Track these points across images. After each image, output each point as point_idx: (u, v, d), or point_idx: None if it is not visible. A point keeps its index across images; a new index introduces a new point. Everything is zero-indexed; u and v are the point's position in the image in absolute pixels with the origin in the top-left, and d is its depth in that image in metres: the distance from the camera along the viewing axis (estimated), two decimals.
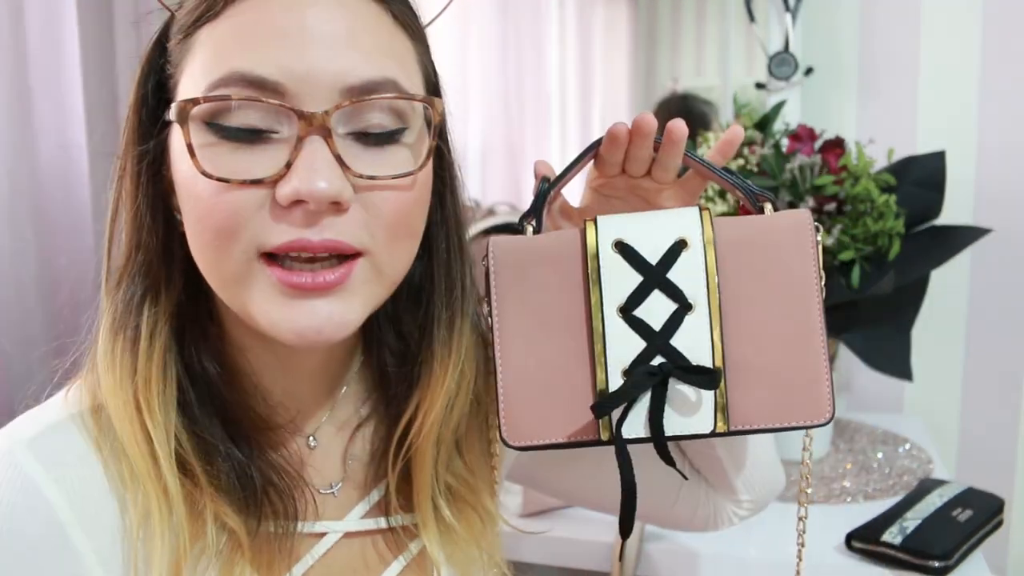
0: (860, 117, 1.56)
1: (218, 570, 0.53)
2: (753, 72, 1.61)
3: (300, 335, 0.51)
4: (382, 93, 0.51)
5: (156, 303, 0.55)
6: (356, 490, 0.63)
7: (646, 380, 0.53)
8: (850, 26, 1.54)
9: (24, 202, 1.27)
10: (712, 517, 0.78)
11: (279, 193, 0.49)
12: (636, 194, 0.66)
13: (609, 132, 0.61)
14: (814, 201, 1.19)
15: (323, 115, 0.49)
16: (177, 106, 0.50)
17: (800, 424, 0.54)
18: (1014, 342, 1.51)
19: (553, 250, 0.57)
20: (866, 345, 1.27)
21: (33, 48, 1.29)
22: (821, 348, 0.54)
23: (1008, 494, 1.53)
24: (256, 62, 0.49)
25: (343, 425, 0.64)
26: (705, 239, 0.55)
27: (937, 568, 0.97)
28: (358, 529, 0.61)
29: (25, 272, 1.27)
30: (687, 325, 0.54)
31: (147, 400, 0.53)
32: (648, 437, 0.54)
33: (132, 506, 0.52)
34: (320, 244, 0.50)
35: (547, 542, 1.15)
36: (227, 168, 0.49)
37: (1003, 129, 1.48)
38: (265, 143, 0.50)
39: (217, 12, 0.50)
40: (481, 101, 1.91)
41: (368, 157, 0.51)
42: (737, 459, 0.73)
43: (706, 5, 1.72)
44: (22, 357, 1.24)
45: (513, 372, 0.56)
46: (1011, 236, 1.47)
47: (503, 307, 0.56)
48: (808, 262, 0.55)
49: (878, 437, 1.41)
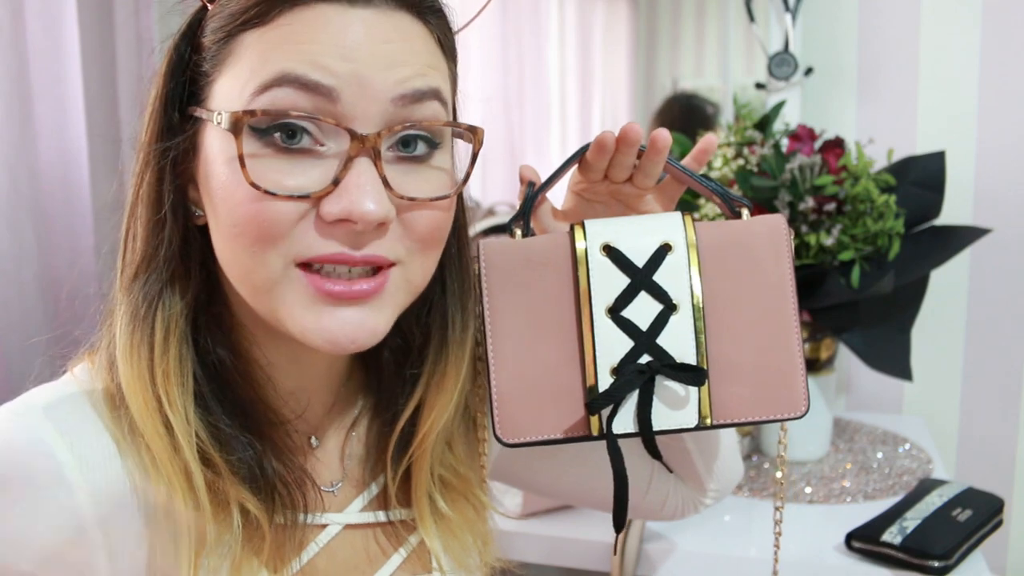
0: (860, 117, 1.56)
1: (233, 557, 0.54)
2: (753, 72, 1.62)
3: (334, 343, 0.52)
4: (428, 102, 0.53)
5: (173, 297, 0.55)
6: (354, 486, 0.64)
7: (636, 378, 0.56)
8: (850, 26, 1.54)
9: (24, 202, 1.27)
10: (680, 507, 0.81)
11: (326, 210, 0.50)
12: (617, 199, 0.68)
13: (597, 140, 0.63)
14: (814, 201, 1.19)
15: (375, 136, 0.50)
16: (230, 116, 0.50)
17: (778, 417, 0.58)
18: (1014, 342, 1.51)
19: (543, 253, 0.59)
20: (866, 345, 1.27)
21: (33, 48, 1.29)
22: (796, 346, 0.58)
23: (1008, 494, 1.53)
24: (310, 66, 0.49)
25: (342, 423, 0.65)
26: (688, 243, 0.58)
27: (937, 568, 0.97)
28: (358, 522, 0.63)
29: (25, 272, 1.27)
30: (672, 325, 0.57)
31: (167, 392, 0.53)
32: (637, 432, 0.56)
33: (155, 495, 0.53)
34: (361, 259, 0.51)
35: (547, 542, 1.15)
36: (273, 180, 0.50)
37: (1003, 129, 1.48)
38: (308, 155, 0.51)
39: (269, 19, 0.50)
40: (481, 101, 1.91)
41: (409, 177, 0.53)
42: (705, 452, 0.76)
43: (706, 5, 1.72)
44: (22, 357, 1.25)
45: (505, 371, 0.58)
46: (1011, 236, 1.47)
47: (494, 308, 0.59)
48: (783, 264, 0.58)
49: (878, 437, 1.41)
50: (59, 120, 1.34)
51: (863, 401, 1.60)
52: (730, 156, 1.28)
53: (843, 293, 1.20)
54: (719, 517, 1.15)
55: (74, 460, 0.51)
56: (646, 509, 0.80)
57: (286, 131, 0.50)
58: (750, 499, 1.20)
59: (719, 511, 1.17)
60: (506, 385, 0.58)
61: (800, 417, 0.58)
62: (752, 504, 1.19)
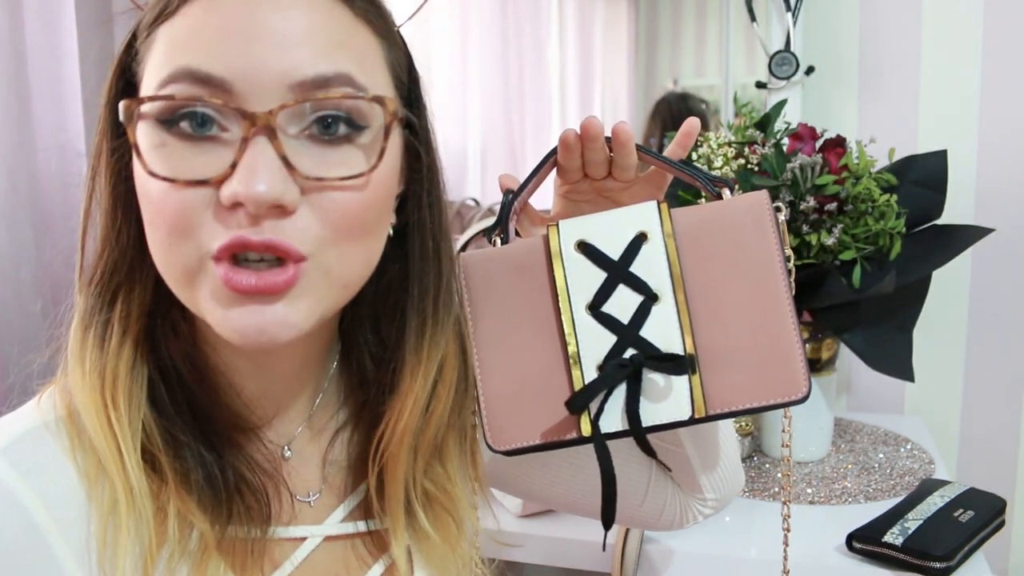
0: (861, 116, 1.55)
1: (188, 569, 0.52)
2: (754, 71, 1.61)
3: (243, 335, 0.49)
4: (335, 88, 0.50)
5: (128, 300, 0.54)
6: (335, 495, 0.62)
7: (618, 372, 0.54)
8: (851, 25, 1.54)
9: (23, 202, 1.27)
10: (678, 516, 0.79)
11: (222, 194, 0.48)
12: (603, 196, 0.67)
13: (561, 139, 0.62)
14: (815, 201, 1.19)
15: (267, 115, 0.48)
16: (123, 105, 0.50)
17: (777, 402, 0.54)
18: (1016, 342, 1.51)
19: (519, 258, 0.58)
20: (867, 345, 1.27)
21: (33, 48, 1.29)
22: (791, 325, 0.54)
23: (1010, 495, 1.52)
24: (203, 59, 0.48)
25: (321, 430, 0.63)
26: (664, 230, 0.56)
27: (938, 569, 0.96)
28: (338, 533, 0.61)
29: (24, 272, 1.27)
30: (655, 316, 0.55)
31: (113, 396, 0.52)
32: (626, 430, 0.54)
33: (98, 500, 0.51)
34: (260, 243, 0.48)
35: (547, 542, 1.15)
36: (175, 167, 0.49)
37: (1005, 128, 1.48)
38: (214, 142, 0.49)
39: (173, 10, 0.50)
40: (481, 101, 1.91)
41: (319, 157, 0.50)
42: (705, 458, 0.75)
43: (706, 5, 1.72)
44: (20, 356, 1.24)
45: (492, 379, 0.57)
46: (1013, 236, 1.47)
47: (477, 317, 0.58)
48: (768, 241, 0.55)
49: (879, 437, 1.41)
50: (58, 120, 1.34)
51: (864, 401, 1.60)
52: (731, 156, 1.28)
53: (844, 293, 1.19)
54: (720, 518, 1.15)
55: (41, 504, 0.50)
56: (643, 518, 0.79)
57: (191, 120, 0.49)
58: (751, 500, 1.19)
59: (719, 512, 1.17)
60: (494, 393, 0.57)
61: (801, 400, 0.53)
62: (753, 505, 1.18)
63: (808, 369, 0.54)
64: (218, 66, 0.48)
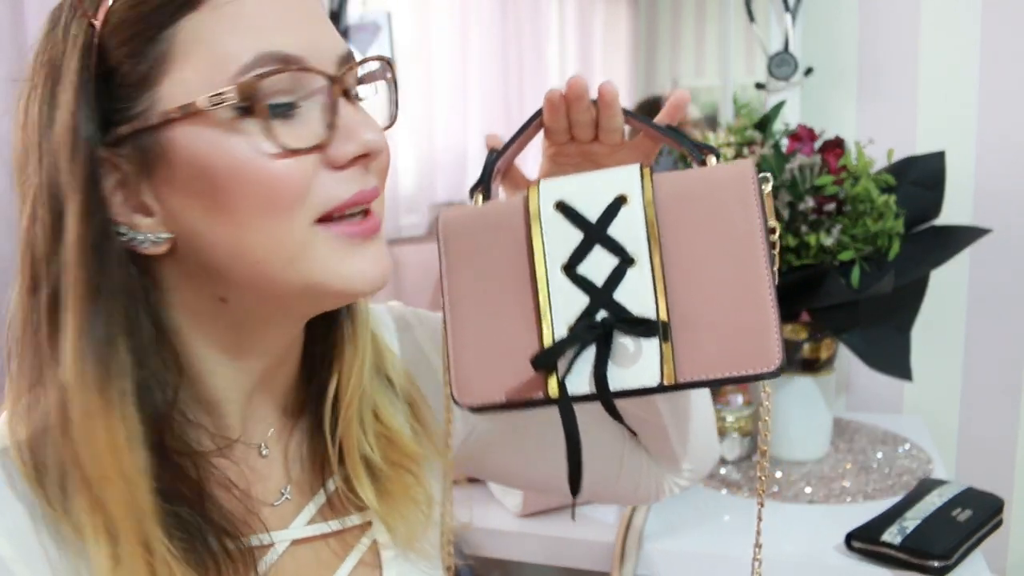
0: (860, 117, 1.56)
1: None
2: (753, 72, 1.62)
3: (374, 277, 0.54)
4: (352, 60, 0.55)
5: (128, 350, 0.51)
6: (301, 494, 0.62)
7: (587, 333, 0.53)
8: (850, 26, 1.54)
9: None
10: (654, 490, 0.80)
11: (339, 152, 0.52)
12: (589, 159, 0.68)
13: (546, 99, 0.64)
14: (814, 201, 1.20)
15: (343, 77, 0.53)
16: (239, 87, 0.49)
17: (748, 373, 0.53)
18: (1014, 342, 1.51)
19: (498, 216, 0.58)
20: (866, 345, 1.27)
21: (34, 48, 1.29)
22: (768, 298, 0.53)
23: (1008, 494, 1.53)
24: (281, 42, 0.50)
25: (283, 426, 0.63)
26: (645, 194, 0.55)
27: (937, 568, 0.97)
28: (306, 535, 0.61)
29: None
30: (630, 279, 0.54)
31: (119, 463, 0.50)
32: (593, 393, 0.53)
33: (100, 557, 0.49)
34: (373, 192, 0.54)
35: (547, 542, 1.15)
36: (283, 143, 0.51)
37: (1003, 129, 1.48)
38: (296, 120, 0.51)
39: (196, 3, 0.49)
40: (481, 101, 1.91)
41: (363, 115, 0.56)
42: (680, 428, 0.74)
43: (706, 5, 1.72)
44: None
45: (462, 334, 0.57)
46: (1011, 236, 1.47)
47: (452, 273, 0.58)
48: (751, 212, 0.54)
49: (878, 437, 1.41)
50: None
51: (863, 401, 1.60)
52: (730, 156, 1.28)
53: (843, 293, 1.20)
54: (719, 517, 1.15)
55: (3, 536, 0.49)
56: (619, 493, 0.79)
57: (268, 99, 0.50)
58: (750, 499, 1.20)
59: (719, 511, 1.17)
60: (463, 348, 0.57)
61: (773, 373, 0.52)
62: (752, 504, 1.19)
63: (783, 343, 0.53)
64: (295, 46, 0.51)
